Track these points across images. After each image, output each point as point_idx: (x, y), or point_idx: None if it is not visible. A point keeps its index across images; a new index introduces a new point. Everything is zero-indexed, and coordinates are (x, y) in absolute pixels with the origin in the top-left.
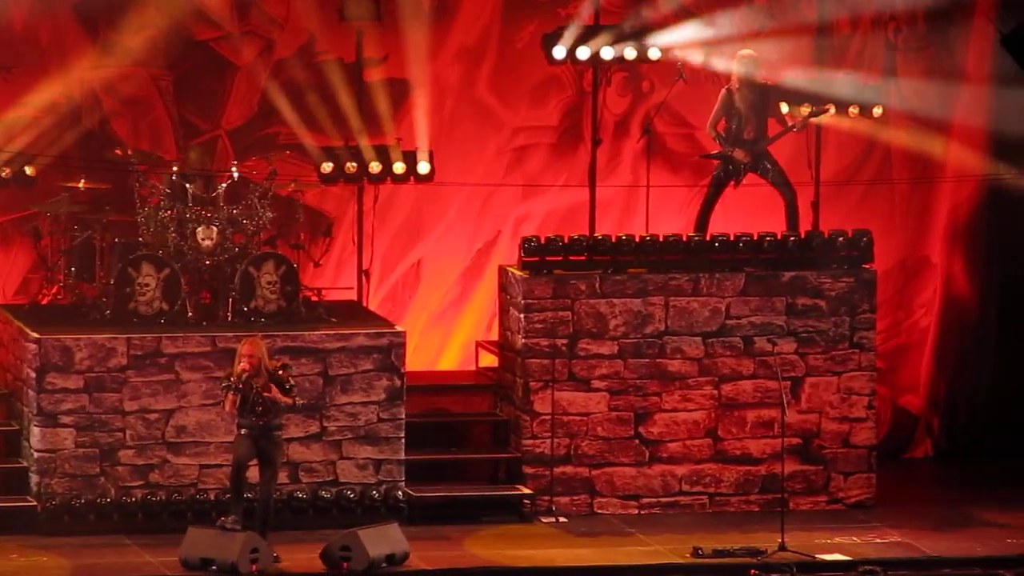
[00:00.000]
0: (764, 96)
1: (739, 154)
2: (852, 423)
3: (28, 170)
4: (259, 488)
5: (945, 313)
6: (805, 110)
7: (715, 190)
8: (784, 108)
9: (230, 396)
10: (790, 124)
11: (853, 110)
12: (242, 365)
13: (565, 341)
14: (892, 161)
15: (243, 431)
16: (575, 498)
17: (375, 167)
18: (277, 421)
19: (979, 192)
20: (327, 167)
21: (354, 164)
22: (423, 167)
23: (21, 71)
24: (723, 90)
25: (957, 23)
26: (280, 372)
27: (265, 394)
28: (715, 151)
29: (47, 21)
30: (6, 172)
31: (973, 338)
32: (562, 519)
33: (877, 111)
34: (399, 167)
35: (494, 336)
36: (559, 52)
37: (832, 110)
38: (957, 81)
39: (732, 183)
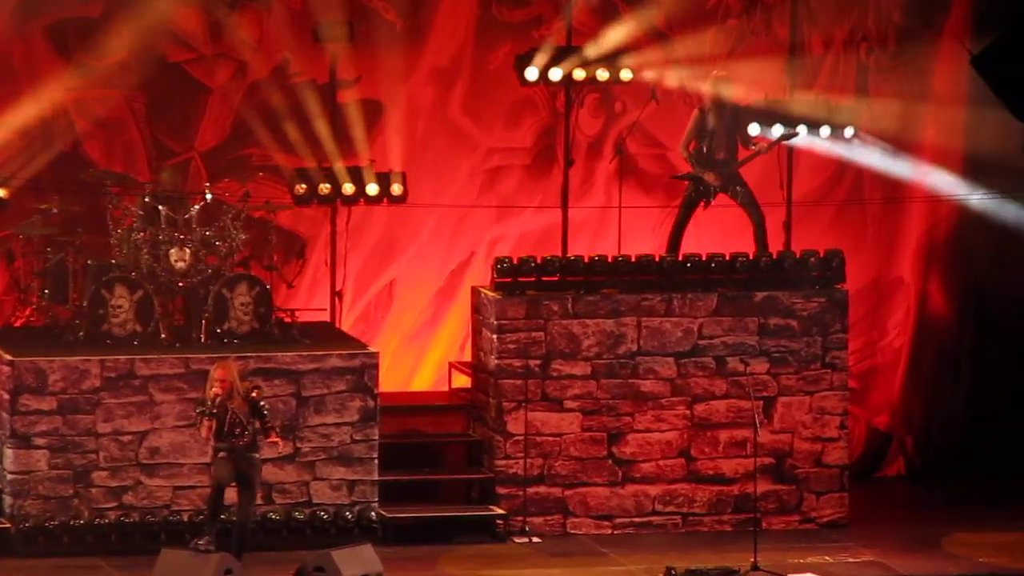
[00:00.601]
0: (736, 117)
1: (710, 176)
2: (825, 443)
3: (1, 192)
4: (237, 510)
5: (920, 333)
6: (776, 132)
7: (687, 211)
8: (755, 130)
9: (205, 422)
10: (759, 146)
11: (825, 131)
12: (215, 390)
13: (538, 361)
14: (864, 181)
15: (221, 454)
16: (548, 518)
17: (348, 188)
18: (256, 443)
19: (955, 212)
20: (300, 188)
21: (327, 185)
22: (396, 188)
23: None
24: (695, 111)
25: (928, 43)
26: (253, 394)
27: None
28: (686, 172)
29: (19, 43)
30: None
31: (948, 358)
32: (535, 539)
33: (848, 131)
34: (372, 188)
35: (468, 357)
36: (531, 73)
37: (802, 132)
38: (929, 101)
39: (703, 204)
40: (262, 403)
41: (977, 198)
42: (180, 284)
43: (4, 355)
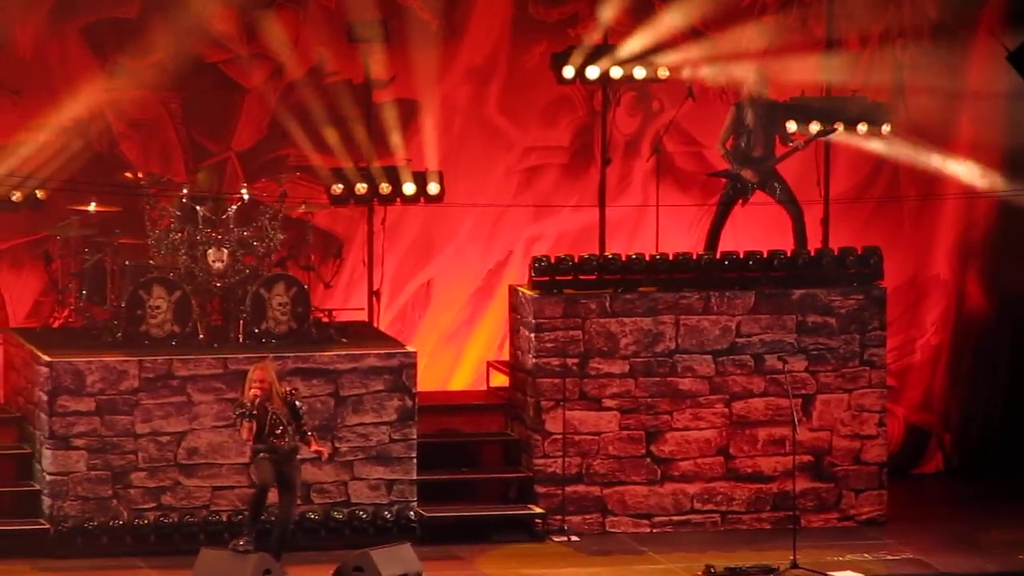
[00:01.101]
0: (773, 114)
1: (747, 173)
2: (863, 440)
3: (38, 193)
4: (278, 511)
5: (959, 330)
6: (813, 128)
7: (724, 208)
8: (792, 126)
9: (245, 423)
10: (796, 143)
11: (862, 127)
12: (253, 391)
13: (576, 360)
14: (901, 178)
15: (262, 455)
16: (587, 517)
17: (385, 188)
18: (296, 444)
19: (994, 209)
20: (337, 188)
21: (364, 185)
22: (433, 188)
23: (30, 95)
24: (732, 107)
25: (964, 39)
26: (290, 396)
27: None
28: (723, 169)
29: (55, 45)
30: (16, 196)
31: (987, 355)
32: (574, 538)
33: (886, 128)
34: (409, 188)
35: (506, 356)
36: (568, 72)
37: (839, 129)
38: (965, 97)
39: (740, 201)
40: (299, 404)
41: (1016, 194)
42: (218, 284)
43: (42, 356)
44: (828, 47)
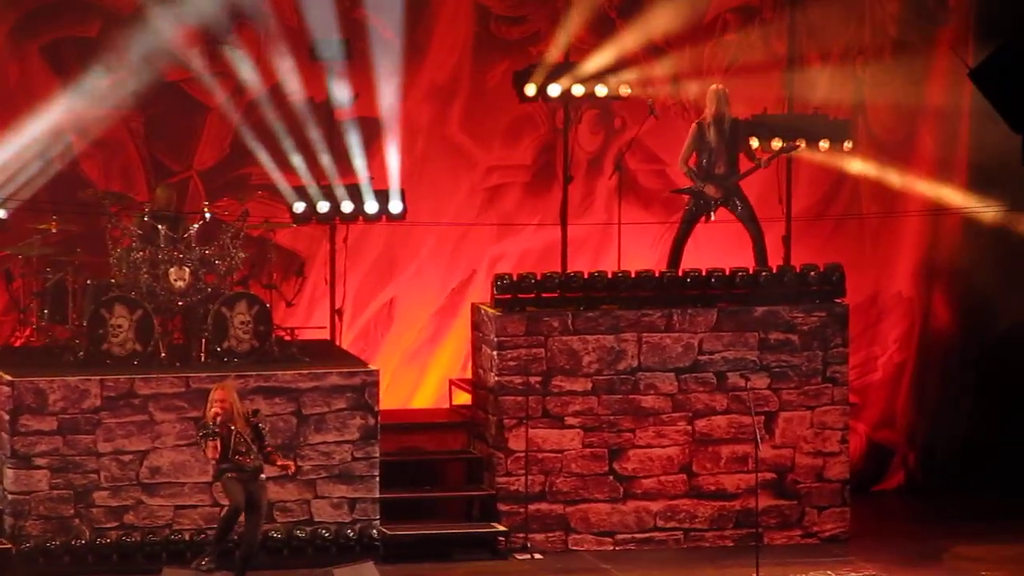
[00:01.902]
0: (735, 131)
1: (710, 190)
2: (826, 457)
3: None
4: (244, 531)
5: (923, 348)
6: (776, 145)
7: (687, 225)
8: (755, 143)
9: (210, 442)
10: (759, 160)
11: (824, 144)
12: (214, 409)
13: (539, 378)
14: (861, 195)
15: (230, 474)
16: (550, 535)
17: (347, 206)
18: (261, 463)
19: (958, 226)
20: (299, 207)
21: (326, 203)
22: (395, 206)
23: None
24: (694, 124)
25: (925, 56)
26: (253, 418)
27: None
28: (687, 186)
29: (15, 62)
30: None
31: (952, 373)
32: (537, 556)
33: (848, 145)
34: (371, 206)
35: (469, 375)
36: (530, 90)
37: (801, 146)
38: (927, 114)
39: (704, 218)
40: (261, 426)
41: (979, 211)
42: (179, 303)
43: (4, 375)
44: (789, 64)
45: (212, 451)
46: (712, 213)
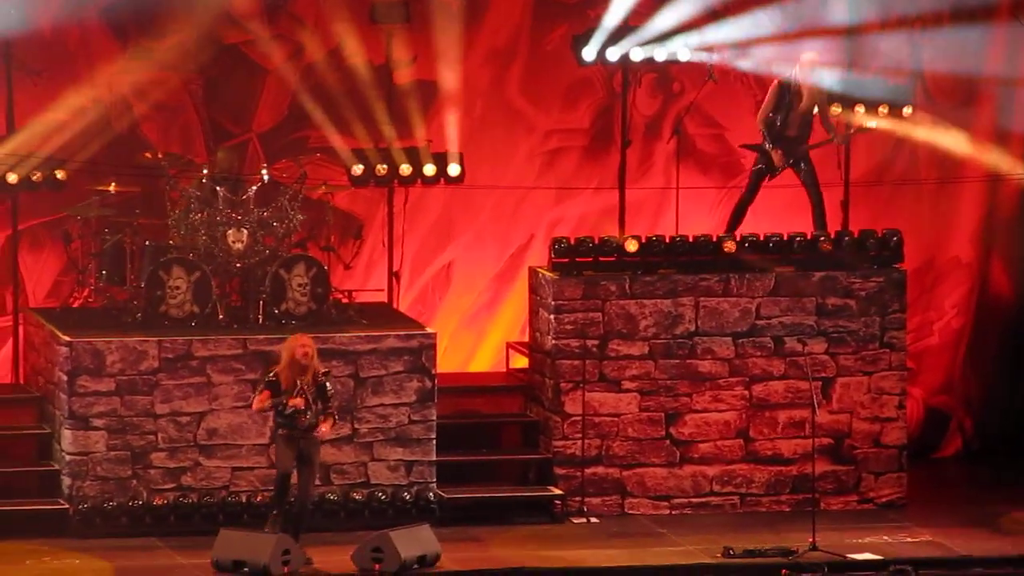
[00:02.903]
0: (814, 98)
1: (777, 155)
2: (883, 423)
3: (58, 174)
4: (298, 490)
5: (980, 313)
6: (856, 119)
7: (755, 182)
8: (836, 110)
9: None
10: (836, 134)
11: (883, 109)
12: (304, 350)
13: (595, 342)
14: (919, 160)
15: (281, 431)
16: (606, 499)
17: (405, 169)
18: (316, 421)
19: (1017, 192)
20: (357, 169)
21: (384, 166)
22: (453, 169)
23: (50, 76)
24: (776, 83)
25: (983, 21)
26: (322, 377)
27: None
28: (758, 143)
29: (75, 26)
30: (37, 176)
31: (1009, 339)
32: (593, 520)
33: (907, 110)
34: (429, 169)
35: (527, 339)
36: (588, 54)
37: (876, 124)
38: (986, 79)
39: (768, 177)
40: (328, 386)
41: None
42: (237, 265)
43: (62, 336)
44: (848, 30)
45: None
46: (776, 173)
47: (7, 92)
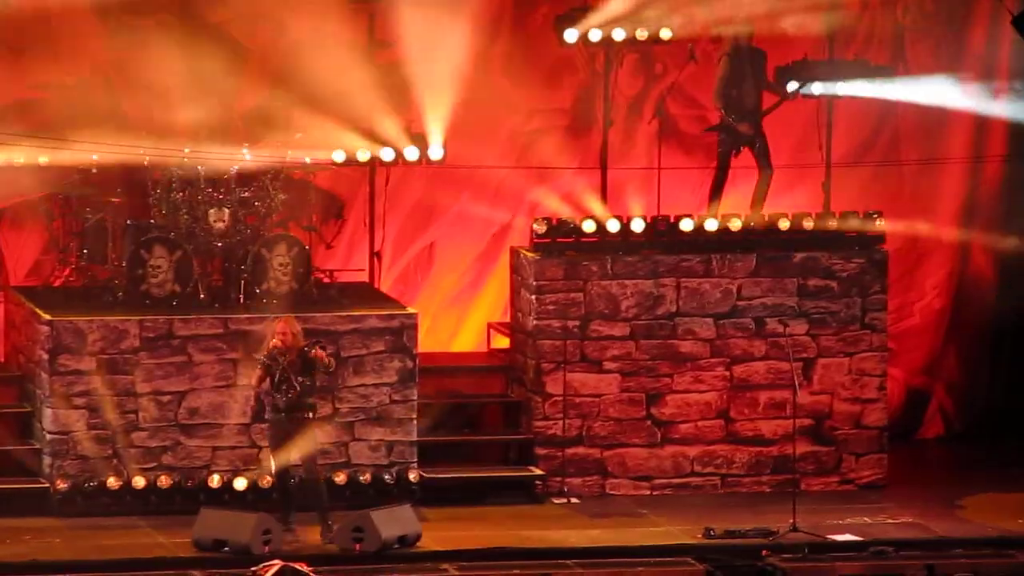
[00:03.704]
0: (758, 62)
1: (744, 127)
2: (864, 404)
3: (41, 159)
4: (302, 474)
5: (961, 295)
6: (816, 90)
7: (723, 162)
8: (793, 85)
9: (258, 371)
10: (784, 92)
11: (863, 88)
12: (274, 341)
13: (577, 322)
14: (901, 140)
15: (268, 414)
16: (587, 479)
17: (387, 152)
18: (308, 401)
19: (998, 173)
20: (338, 156)
21: (366, 152)
22: (436, 150)
23: (32, 53)
24: (722, 57)
25: (966, 3)
26: (314, 352)
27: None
28: (717, 124)
29: (57, 3)
30: (19, 157)
31: (991, 319)
32: (574, 500)
33: (886, 91)
34: (411, 150)
35: (509, 319)
36: (571, 35)
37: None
38: (967, 61)
39: (733, 153)
40: (324, 361)
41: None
42: (219, 244)
43: (43, 315)
44: (830, 10)
45: (256, 380)
46: (740, 150)
47: None
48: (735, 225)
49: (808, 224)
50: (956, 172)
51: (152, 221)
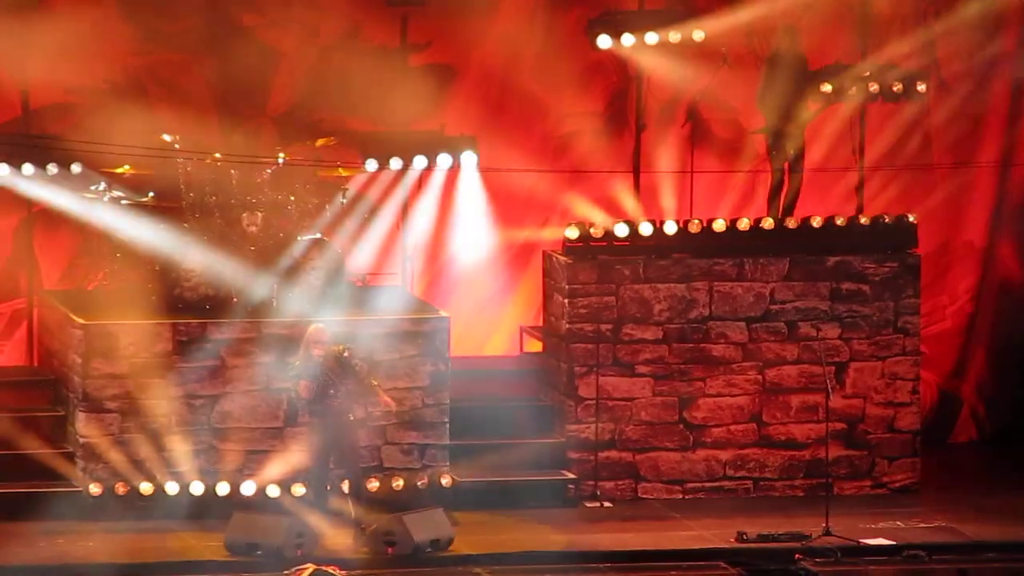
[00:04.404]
0: (802, 70)
1: (786, 128)
2: (896, 408)
3: (74, 168)
4: (345, 469)
5: (994, 298)
6: (850, 94)
7: (778, 167)
8: (828, 88)
9: (303, 383)
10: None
11: (897, 87)
12: (316, 351)
13: (609, 326)
14: (933, 144)
15: (315, 419)
16: (619, 483)
17: (420, 158)
18: (348, 404)
19: None
20: (371, 166)
21: (399, 160)
22: (469, 153)
23: (65, 55)
24: (765, 64)
25: (998, 4)
26: (345, 355)
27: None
28: (761, 127)
29: (89, 8)
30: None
31: (1022, 323)
32: (606, 504)
33: (921, 87)
34: (444, 157)
35: (542, 322)
36: (604, 41)
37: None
38: (1000, 64)
39: (771, 157)
40: (356, 362)
41: None
42: (252, 248)
43: (76, 319)
44: (862, 15)
45: (305, 391)
46: (788, 152)
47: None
48: (768, 224)
49: (840, 222)
50: (987, 175)
51: (185, 225)
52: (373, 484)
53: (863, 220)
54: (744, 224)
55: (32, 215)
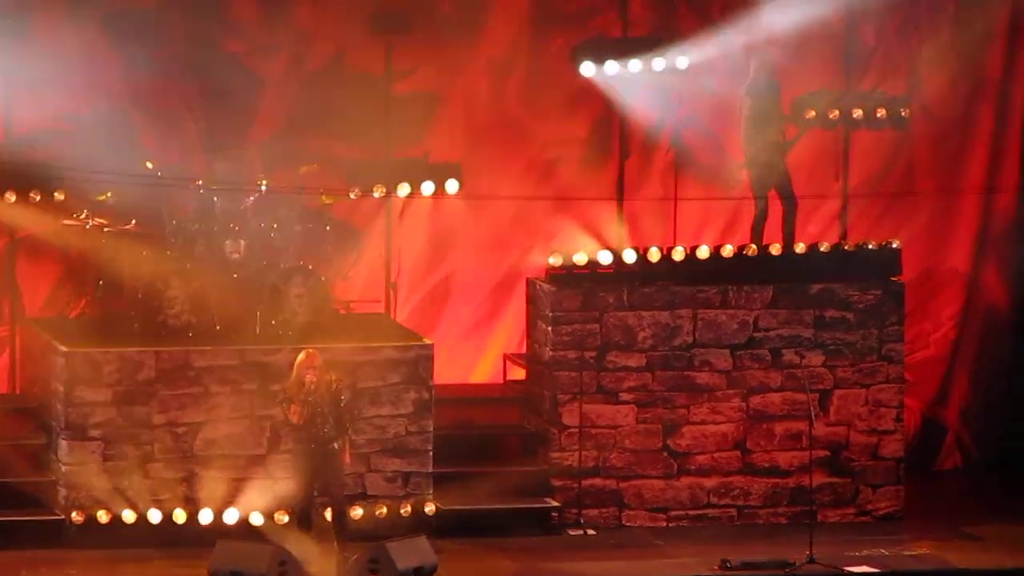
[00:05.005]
0: (777, 95)
1: (770, 161)
2: (880, 435)
3: (57, 195)
4: (328, 496)
5: (978, 324)
6: (833, 118)
7: (763, 198)
8: (812, 114)
9: (293, 407)
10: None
11: (880, 113)
12: (309, 376)
13: (593, 353)
14: (916, 170)
15: (300, 447)
16: (603, 510)
17: (403, 189)
18: (334, 432)
19: (1014, 202)
20: (354, 195)
21: (382, 188)
22: (452, 181)
23: (48, 82)
24: (742, 92)
25: (982, 32)
26: (335, 388)
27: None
28: (743, 161)
29: (74, 34)
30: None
31: (1007, 349)
32: (590, 531)
33: (904, 112)
34: (427, 185)
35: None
36: (587, 69)
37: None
38: (985, 88)
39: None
40: (342, 398)
41: None
42: (235, 275)
43: (59, 346)
44: (847, 41)
45: (296, 416)
46: (772, 184)
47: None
48: (751, 251)
49: (824, 248)
50: (972, 202)
51: (168, 252)
52: (357, 512)
53: (847, 247)
54: (728, 251)
55: (15, 242)
